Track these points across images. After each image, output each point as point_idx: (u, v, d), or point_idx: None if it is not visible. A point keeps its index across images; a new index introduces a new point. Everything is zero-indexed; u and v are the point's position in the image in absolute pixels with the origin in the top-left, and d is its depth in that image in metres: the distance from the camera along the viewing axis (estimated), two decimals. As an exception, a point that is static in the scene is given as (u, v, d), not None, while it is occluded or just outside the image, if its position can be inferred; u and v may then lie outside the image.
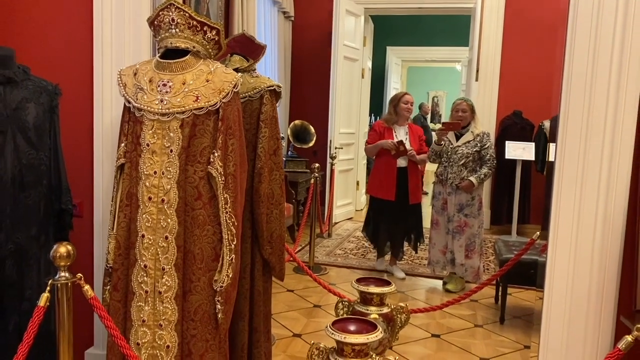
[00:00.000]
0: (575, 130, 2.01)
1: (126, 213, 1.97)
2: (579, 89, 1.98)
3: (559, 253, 2.07)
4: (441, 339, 3.37)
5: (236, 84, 1.96)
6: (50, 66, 2.36)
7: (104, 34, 2.39)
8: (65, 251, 1.63)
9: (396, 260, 4.79)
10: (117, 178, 2.02)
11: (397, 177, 4.46)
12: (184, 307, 1.93)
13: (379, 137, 4.55)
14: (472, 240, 4.20)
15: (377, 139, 4.54)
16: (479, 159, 4.19)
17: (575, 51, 1.98)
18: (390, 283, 2.65)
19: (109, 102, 2.42)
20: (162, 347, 1.93)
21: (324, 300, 3.95)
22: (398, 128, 4.57)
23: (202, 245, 1.93)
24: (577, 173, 2.02)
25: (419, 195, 4.64)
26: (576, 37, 1.98)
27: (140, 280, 1.92)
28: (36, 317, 1.55)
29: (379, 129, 4.59)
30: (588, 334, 2.06)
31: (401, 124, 4.59)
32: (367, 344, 2.02)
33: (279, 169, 2.47)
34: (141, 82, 1.95)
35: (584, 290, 2.05)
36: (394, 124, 4.58)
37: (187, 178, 1.92)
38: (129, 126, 1.99)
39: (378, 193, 4.60)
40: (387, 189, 4.48)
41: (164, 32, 1.96)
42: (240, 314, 2.40)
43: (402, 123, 4.59)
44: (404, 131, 4.58)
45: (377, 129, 4.61)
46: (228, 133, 1.94)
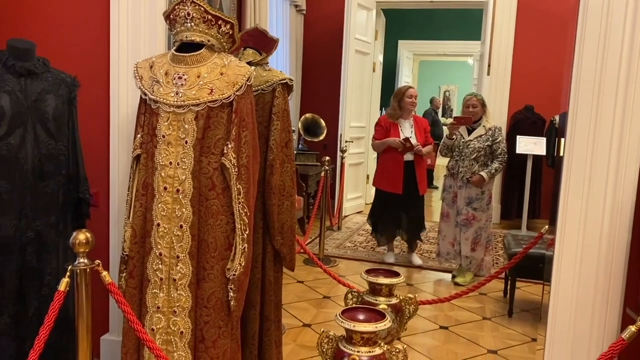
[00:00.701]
0: (584, 125, 2.02)
1: (142, 202, 2.03)
2: (588, 84, 2.00)
3: (566, 247, 2.09)
4: (449, 331, 3.41)
5: (249, 77, 2.00)
6: (68, 59, 2.41)
7: (121, 28, 2.44)
8: (84, 238, 1.68)
9: (413, 248, 4.88)
10: (134, 168, 2.07)
11: (404, 170, 4.54)
12: (197, 294, 1.99)
13: (385, 132, 4.61)
14: (478, 234, 4.24)
15: (383, 134, 4.61)
16: (490, 153, 4.21)
17: (584, 46, 1.99)
18: (399, 274, 2.69)
19: (125, 94, 2.47)
20: (176, 333, 1.98)
21: (333, 291, 4.00)
22: (403, 122, 4.63)
23: (216, 234, 1.98)
24: (585, 168, 2.03)
25: (424, 188, 4.71)
26: (586, 32, 1.99)
27: (156, 267, 1.98)
28: (57, 301, 1.61)
29: (385, 124, 4.65)
30: (594, 326, 2.08)
31: (406, 118, 4.64)
32: (375, 332, 2.06)
33: (290, 161, 2.51)
34: (157, 75, 2.00)
35: (590, 284, 2.07)
36: (399, 118, 4.62)
37: (201, 169, 1.97)
38: (145, 118, 2.04)
39: (385, 186, 4.66)
40: (394, 182, 4.56)
41: (179, 25, 2.00)
42: (251, 302, 2.45)
43: (406, 117, 4.64)
44: (409, 124, 4.63)
45: (383, 124, 4.67)
46: (241, 125, 1.99)
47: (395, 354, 2.07)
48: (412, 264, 4.82)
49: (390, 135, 4.55)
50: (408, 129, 4.60)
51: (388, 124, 4.62)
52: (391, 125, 4.60)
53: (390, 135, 4.55)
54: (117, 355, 2.20)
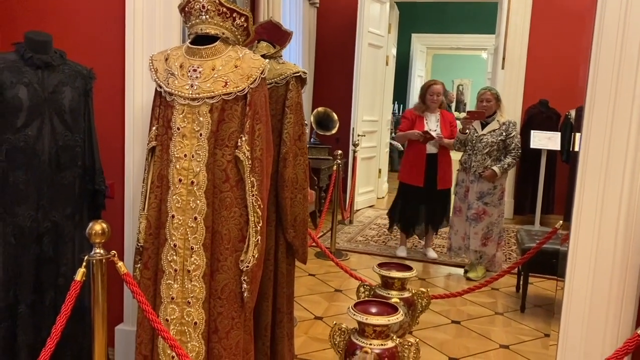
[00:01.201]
0: (601, 120, 2.00)
1: (157, 194, 2.04)
2: (606, 78, 1.97)
3: (580, 242, 2.07)
4: (461, 326, 3.41)
5: (263, 70, 2.00)
6: (84, 51, 2.43)
7: (136, 21, 2.45)
8: (100, 229, 1.70)
9: (427, 242, 4.89)
10: (148, 160, 2.09)
11: (427, 163, 4.56)
12: (211, 286, 2.00)
13: (410, 124, 4.67)
14: (490, 229, 4.22)
15: (408, 126, 4.67)
16: (504, 148, 4.17)
17: (602, 39, 1.97)
18: (412, 268, 2.69)
19: (140, 87, 2.48)
20: (190, 323, 2.00)
21: (344, 285, 4.01)
22: (429, 115, 4.67)
23: (230, 227, 1.99)
24: (601, 163, 2.01)
25: (448, 181, 4.68)
26: (604, 25, 1.97)
27: (170, 259, 2.00)
28: (73, 290, 1.63)
29: (411, 117, 4.72)
30: (608, 323, 2.07)
31: (432, 112, 4.67)
32: (388, 325, 2.06)
33: (303, 155, 2.52)
34: (172, 68, 2.01)
35: (605, 280, 2.05)
36: (425, 112, 4.66)
37: (215, 161, 1.98)
38: (160, 110, 2.06)
39: (407, 179, 4.71)
40: (416, 175, 4.61)
41: (194, 18, 2.01)
42: (264, 294, 2.47)
43: (432, 111, 4.68)
44: (435, 118, 4.65)
45: (409, 116, 4.75)
46: (255, 118, 1.99)
47: (408, 347, 2.07)
48: (426, 258, 4.82)
49: (415, 127, 4.61)
50: (433, 123, 4.64)
51: (414, 116, 4.69)
52: (417, 117, 4.67)
53: (415, 128, 4.61)
54: (131, 345, 2.23)
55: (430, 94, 4.61)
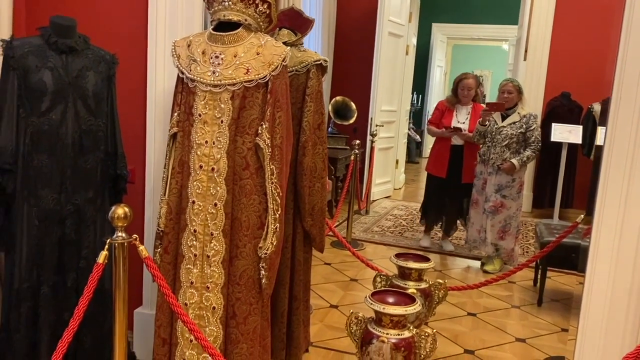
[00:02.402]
0: (627, 114, 1.96)
1: (178, 180, 2.06)
2: (633, 73, 1.93)
3: (602, 237, 2.04)
4: (477, 318, 3.40)
5: (285, 58, 2.00)
6: (107, 37, 2.44)
7: (159, 7, 2.46)
8: (122, 212, 1.72)
9: (447, 236, 4.89)
10: (170, 146, 2.10)
11: (451, 155, 4.56)
12: (230, 271, 2.02)
13: (440, 115, 4.72)
14: (508, 222, 4.17)
15: (439, 117, 4.72)
16: (524, 141, 4.12)
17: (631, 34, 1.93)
18: (429, 259, 2.68)
19: (162, 73, 2.49)
20: (208, 308, 2.02)
21: (360, 274, 4.02)
22: (460, 108, 4.68)
23: (249, 214, 2.00)
24: (627, 158, 1.98)
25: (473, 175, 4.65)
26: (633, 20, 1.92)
27: (190, 244, 2.01)
28: (95, 273, 1.66)
29: (441, 108, 4.76)
30: (629, 319, 2.04)
31: (464, 104, 4.66)
32: (405, 315, 2.07)
33: (323, 143, 2.52)
34: (194, 54, 2.01)
35: (627, 276, 2.02)
36: (456, 104, 4.67)
37: (236, 148, 1.98)
38: (182, 97, 2.07)
39: (432, 170, 4.74)
40: (440, 166, 4.63)
41: (217, 4, 2.00)
42: (281, 281, 2.48)
43: (464, 103, 4.66)
44: (466, 111, 4.64)
45: (440, 107, 4.80)
46: (276, 106, 1.99)
47: (425, 337, 2.07)
48: (443, 250, 4.80)
49: (444, 119, 4.65)
50: (464, 115, 4.62)
51: (444, 108, 4.73)
52: (447, 109, 4.70)
53: (444, 119, 4.65)
54: (149, 328, 2.26)
55: (462, 88, 4.60)
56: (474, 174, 4.57)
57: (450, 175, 4.57)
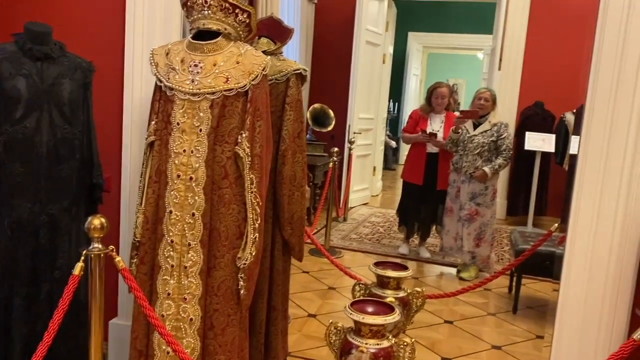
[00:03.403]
0: (600, 122, 2.01)
1: (155, 189, 2.03)
2: (606, 81, 1.98)
3: (577, 245, 2.09)
4: (454, 325, 3.42)
5: (265, 67, 1.99)
6: (83, 44, 2.40)
7: (136, 14, 2.43)
8: (99, 223, 1.69)
9: (423, 242, 4.94)
10: (147, 155, 2.08)
11: (427, 163, 4.63)
12: (207, 282, 2.00)
13: (415, 123, 4.78)
14: (483, 230, 4.23)
15: (413, 125, 4.78)
16: (495, 149, 4.18)
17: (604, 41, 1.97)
18: (407, 267, 2.69)
19: (139, 80, 2.47)
20: (185, 319, 2.00)
21: (338, 282, 4.01)
22: (434, 116, 4.74)
23: (227, 223, 1.99)
24: (600, 166, 2.02)
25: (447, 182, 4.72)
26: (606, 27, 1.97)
27: (167, 254, 1.99)
28: (71, 285, 1.63)
29: (415, 117, 4.83)
30: (602, 325, 2.08)
31: (437, 112, 4.72)
32: (384, 325, 2.07)
33: (302, 152, 2.51)
34: (173, 62, 2.00)
35: (600, 283, 2.07)
36: (430, 113, 4.74)
37: (215, 157, 1.97)
38: (160, 105, 2.04)
39: (408, 177, 4.80)
40: (416, 173, 4.69)
41: (196, 13, 1.99)
42: (259, 291, 2.46)
43: (438, 112, 4.72)
44: (440, 119, 4.70)
45: (414, 116, 4.86)
46: (256, 115, 1.99)
47: (403, 347, 2.08)
48: (420, 257, 4.84)
49: (418, 127, 4.71)
50: (438, 123, 4.68)
51: (418, 117, 4.79)
52: (420, 118, 4.75)
53: (419, 127, 4.70)
54: (125, 339, 2.22)
55: (435, 96, 4.66)
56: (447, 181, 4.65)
57: (426, 182, 4.63)
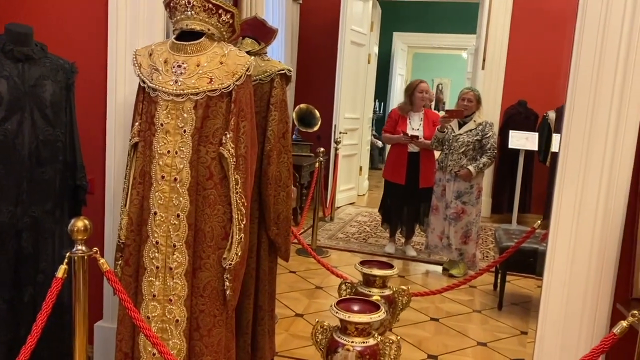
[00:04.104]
0: (580, 121, 2.04)
1: (139, 190, 2.03)
2: (586, 80, 2.01)
3: (559, 242, 2.12)
4: (440, 323, 3.45)
5: (249, 67, 1.99)
6: (65, 45, 2.39)
7: (119, 14, 2.42)
8: (82, 225, 1.68)
9: (408, 240, 4.95)
10: (131, 156, 2.07)
11: (408, 162, 4.65)
12: (193, 283, 1.99)
13: (394, 123, 4.77)
14: (469, 228, 4.27)
15: (392, 125, 4.77)
16: (480, 148, 4.22)
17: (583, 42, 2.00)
18: (393, 266, 2.71)
19: (122, 81, 2.45)
20: (171, 321, 1.99)
21: (325, 282, 4.02)
22: (413, 115, 4.74)
23: (213, 224, 1.99)
24: (580, 164, 2.05)
25: (431, 180, 4.73)
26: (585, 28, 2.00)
27: (152, 256, 1.98)
28: (54, 287, 1.61)
29: (394, 116, 4.82)
30: (584, 320, 2.11)
31: (416, 111, 4.73)
32: (370, 323, 2.08)
33: (287, 152, 2.52)
34: (156, 63, 1.99)
35: (582, 278, 2.10)
36: (409, 112, 4.73)
37: (199, 158, 1.97)
38: (144, 106, 2.04)
39: (390, 176, 4.81)
40: (398, 173, 4.70)
41: (179, 14, 1.99)
42: (246, 292, 2.46)
43: (417, 110, 4.74)
44: (419, 118, 4.71)
45: (393, 116, 4.86)
46: (240, 115, 1.99)
47: (389, 344, 2.09)
48: (405, 256, 4.86)
49: (398, 126, 4.70)
50: (417, 122, 4.70)
51: (397, 116, 4.78)
52: (400, 117, 4.75)
53: (399, 127, 4.70)
54: (110, 342, 2.21)
55: (420, 91, 4.67)
56: (430, 179, 4.68)
57: (409, 182, 4.65)
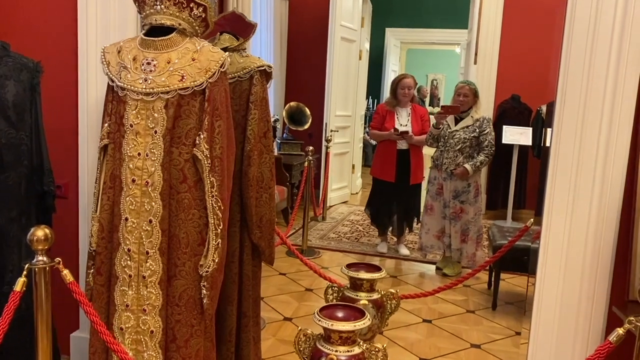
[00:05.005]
0: (572, 115, 1.96)
1: (109, 195, 1.92)
2: (577, 74, 1.93)
3: (552, 240, 2.03)
4: (432, 324, 3.36)
5: (223, 64, 1.89)
6: (32, 43, 2.29)
7: (89, 10, 2.31)
8: (43, 234, 1.58)
9: (400, 239, 4.86)
10: (101, 159, 1.97)
11: (398, 159, 4.55)
12: (168, 292, 1.89)
13: (381, 119, 4.67)
14: (467, 227, 4.14)
15: (380, 121, 4.67)
16: (477, 145, 4.08)
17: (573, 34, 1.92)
18: (381, 269, 2.62)
19: (94, 80, 2.35)
20: (146, 332, 1.89)
21: (315, 283, 3.93)
22: (400, 110, 4.64)
23: (188, 230, 1.89)
24: (573, 160, 1.97)
25: (420, 176, 4.65)
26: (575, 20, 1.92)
27: (124, 264, 1.88)
28: (12, 302, 1.51)
29: (382, 112, 4.72)
30: (579, 321, 2.03)
31: (403, 106, 4.63)
32: (354, 331, 1.99)
33: (269, 152, 2.41)
34: (125, 61, 1.89)
35: (576, 278, 2.02)
36: (396, 107, 4.63)
37: (171, 160, 1.87)
38: (113, 106, 1.93)
39: (379, 174, 4.70)
40: (388, 170, 4.59)
41: (148, 8, 1.88)
42: (228, 298, 2.37)
43: (404, 105, 4.64)
44: (407, 113, 4.61)
45: (380, 111, 4.75)
46: (214, 114, 1.89)
47: (375, 353, 2.00)
48: (398, 255, 4.77)
49: (386, 123, 4.60)
50: (404, 117, 4.60)
51: (385, 111, 4.68)
52: (387, 113, 4.64)
53: (386, 123, 4.59)
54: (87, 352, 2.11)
55: (402, 87, 4.56)
56: (419, 176, 4.58)
57: (399, 179, 4.56)
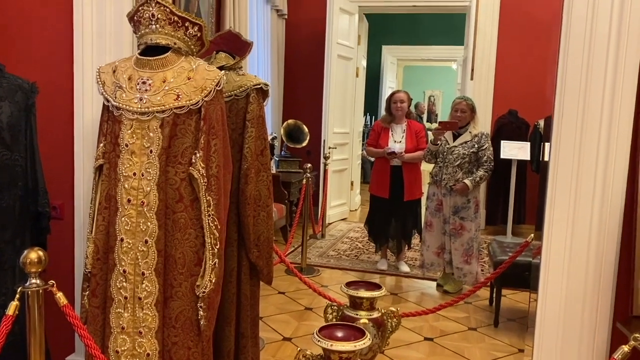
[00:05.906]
0: (570, 129, 1.94)
1: (105, 216, 1.90)
2: (574, 88, 1.92)
3: (553, 255, 2.01)
4: (434, 343, 3.31)
5: (219, 82, 1.89)
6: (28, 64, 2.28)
7: (85, 30, 2.31)
8: (36, 257, 1.55)
9: (400, 256, 4.83)
10: (96, 180, 1.95)
11: (391, 175, 4.55)
12: (164, 314, 1.86)
13: (377, 136, 4.69)
14: (470, 245, 4.07)
15: (375, 138, 4.70)
16: (476, 161, 4.05)
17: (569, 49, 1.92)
18: (381, 287, 2.58)
19: (90, 100, 2.34)
20: (142, 355, 1.86)
21: (315, 302, 3.88)
22: (395, 126, 4.64)
23: (184, 250, 1.86)
24: (572, 174, 1.95)
25: (416, 192, 4.63)
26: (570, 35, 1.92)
27: (119, 285, 1.85)
28: (4, 326, 1.48)
29: (377, 129, 4.74)
30: (583, 337, 2.00)
31: (398, 122, 4.63)
32: (354, 351, 1.95)
33: (266, 170, 2.40)
34: (120, 80, 1.88)
35: (579, 294, 1.99)
36: (391, 123, 4.64)
37: (167, 180, 1.85)
38: (108, 126, 1.92)
39: (375, 190, 4.72)
40: (382, 186, 4.61)
41: (144, 27, 1.88)
42: (226, 319, 2.33)
43: (399, 121, 4.63)
44: (401, 129, 4.61)
45: (376, 128, 4.78)
46: (210, 133, 1.87)
47: (376, 373, 1.96)
48: (398, 272, 4.73)
49: (381, 139, 4.62)
50: (399, 134, 4.59)
51: (380, 128, 4.70)
52: (382, 130, 4.66)
53: (381, 140, 4.61)
54: (82, 377, 2.07)
55: (394, 101, 4.59)
56: (415, 192, 4.55)
57: (393, 195, 4.55)
